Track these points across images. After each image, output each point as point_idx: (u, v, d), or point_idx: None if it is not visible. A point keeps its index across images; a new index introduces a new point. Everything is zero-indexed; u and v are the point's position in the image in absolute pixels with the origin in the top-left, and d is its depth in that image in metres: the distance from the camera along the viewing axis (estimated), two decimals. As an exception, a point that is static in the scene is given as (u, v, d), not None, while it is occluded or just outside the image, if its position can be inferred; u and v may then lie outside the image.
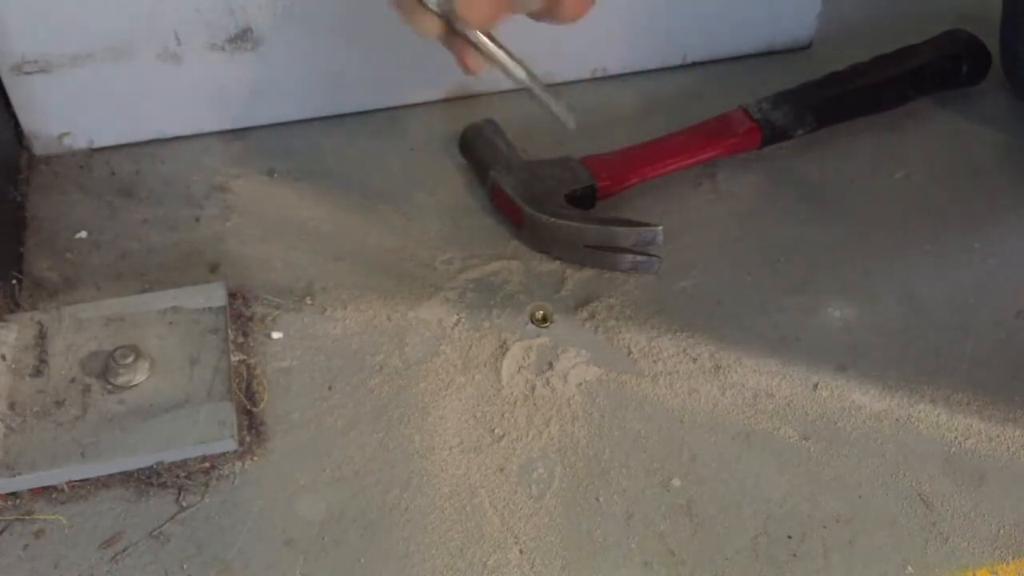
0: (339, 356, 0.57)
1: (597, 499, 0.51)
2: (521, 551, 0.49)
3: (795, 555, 0.49)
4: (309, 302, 0.60)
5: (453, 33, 0.48)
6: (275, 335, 0.58)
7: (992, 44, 0.73)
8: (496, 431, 0.54)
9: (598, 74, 0.74)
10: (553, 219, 0.60)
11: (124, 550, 0.49)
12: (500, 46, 0.49)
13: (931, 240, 0.64)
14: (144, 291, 0.59)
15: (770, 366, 0.57)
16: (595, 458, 0.53)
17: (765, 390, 0.56)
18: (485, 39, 0.49)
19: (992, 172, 0.69)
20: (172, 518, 0.50)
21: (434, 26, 0.48)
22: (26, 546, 0.49)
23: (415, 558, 0.49)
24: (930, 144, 0.71)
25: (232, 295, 0.59)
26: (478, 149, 0.67)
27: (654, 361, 0.57)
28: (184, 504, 0.50)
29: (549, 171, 0.64)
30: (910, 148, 0.71)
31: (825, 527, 0.50)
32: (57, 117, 0.66)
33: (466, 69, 0.50)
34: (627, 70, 0.75)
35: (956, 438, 0.54)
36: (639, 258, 0.60)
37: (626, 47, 0.73)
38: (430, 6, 0.47)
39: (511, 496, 0.51)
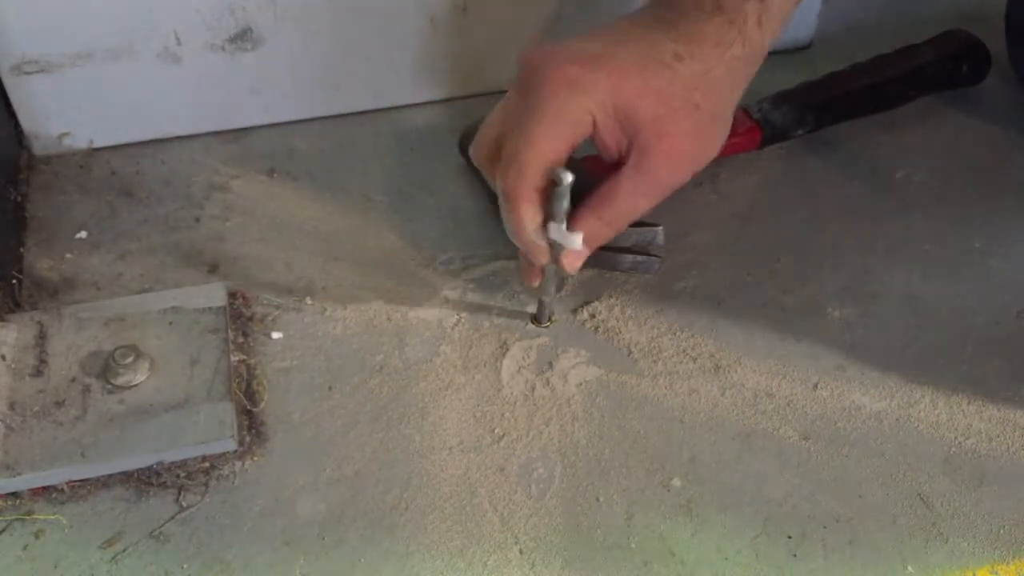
0: (339, 356, 0.57)
1: (597, 499, 0.51)
2: (521, 551, 0.49)
3: (795, 555, 0.49)
4: (309, 302, 0.60)
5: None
6: (275, 335, 0.58)
7: (992, 44, 0.73)
8: (496, 431, 0.54)
9: (598, 74, 0.74)
10: None
11: (124, 550, 0.49)
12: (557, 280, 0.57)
13: (931, 240, 0.64)
14: (144, 291, 0.59)
15: (770, 366, 0.57)
16: (595, 458, 0.53)
17: (765, 390, 0.56)
18: (553, 280, 0.56)
19: (993, 172, 0.69)
20: (172, 518, 0.50)
21: (545, 257, 0.53)
22: (26, 546, 0.49)
23: (415, 558, 0.49)
24: (930, 144, 0.71)
25: (232, 295, 0.59)
26: None
27: (654, 361, 0.57)
28: (184, 504, 0.50)
29: None
30: (910, 148, 0.71)
31: (825, 527, 0.50)
32: (57, 117, 0.66)
33: (527, 281, 0.57)
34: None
35: (956, 438, 0.54)
36: (639, 258, 0.60)
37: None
38: (548, 236, 0.52)
39: (511, 496, 0.51)
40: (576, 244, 0.52)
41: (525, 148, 0.49)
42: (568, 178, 0.49)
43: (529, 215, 0.51)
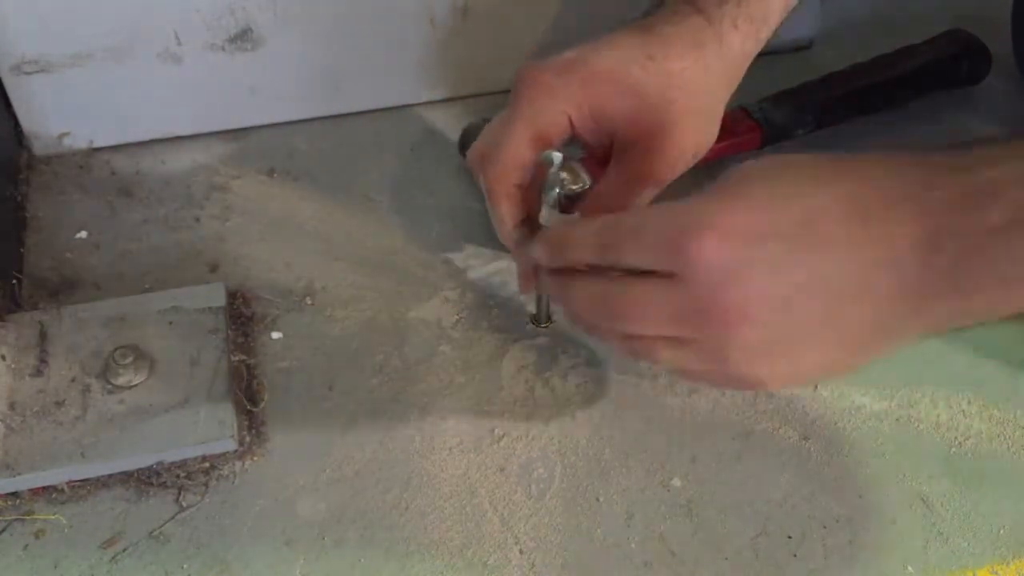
0: (339, 356, 0.57)
1: (597, 499, 0.51)
2: (521, 551, 0.49)
3: (795, 555, 0.49)
4: (309, 302, 0.60)
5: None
6: (275, 335, 0.58)
7: (992, 44, 0.73)
8: (496, 431, 0.54)
9: (598, 74, 0.74)
10: None
11: (124, 550, 0.49)
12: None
13: (931, 240, 0.64)
14: (144, 291, 0.59)
15: (770, 366, 0.57)
16: (595, 458, 0.53)
17: (765, 390, 0.56)
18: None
19: (992, 172, 0.69)
20: (172, 518, 0.50)
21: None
22: (26, 546, 0.49)
23: (415, 558, 0.49)
24: (930, 144, 0.71)
25: (232, 295, 0.59)
26: None
27: (654, 361, 0.57)
28: (184, 504, 0.50)
29: None
30: (910, 148, 0.70)
31: (825, 527, 0.50)
32: (57, 117, 0.66)
33: (522, 288, 0.56)
34: (627, 70, 0.75)
35: (956, 438, 0.54)
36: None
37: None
38: (543, 223, 0.52)
39: (511, 496, 0.51)
40: None
41: (499, 147, 0.51)
42: (557, 159, 0.50)
43: (508, 211, 0.52)
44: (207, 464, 0.51)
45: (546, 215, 0.52)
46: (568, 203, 0.53)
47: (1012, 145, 0.39)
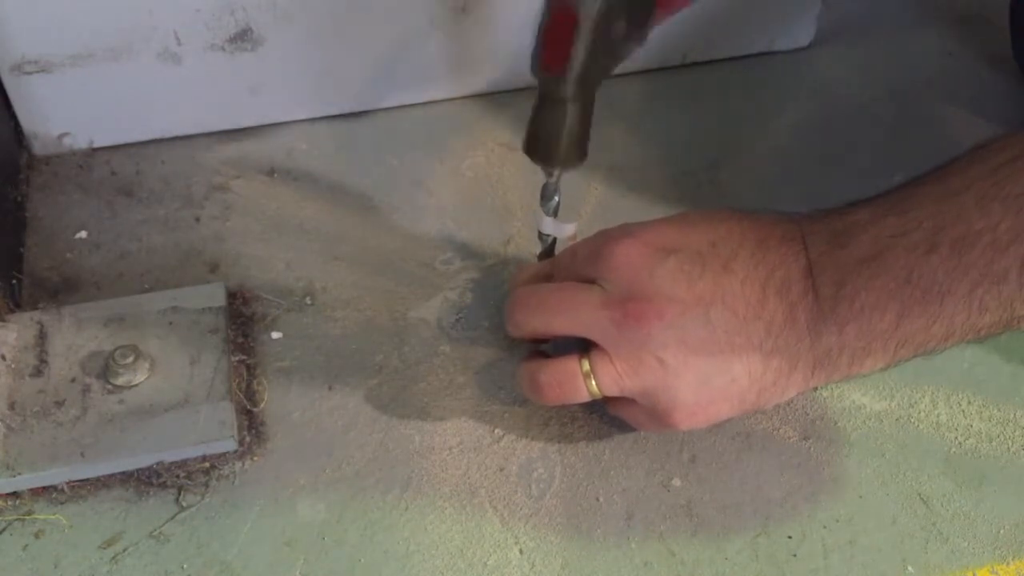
0: (339, 356, 0.57)
1: (597, 499, 0.51)
2: (521, 551, 0.49)
3: (795, 555, 0.49)
4: (309, 302, 0.60)
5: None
6: (275, 335, 0.58)
7: (992, 44, 0.73)
8: (496, 431, 0.54)
9: (598, 74, 0.74)
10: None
11: (124, 550, 0.49)
12: None
13: (931, 240, 0.64)
14: (144, 291, 0.59)
15: (770, 366, 0.57)
16: (595, 458, 0.53)
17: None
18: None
19: (992, 172, 0.69)
20: (172, 518, 0.50)
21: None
22: (26, 546, 0.49)
23: (415, 558, 0.49)
24: (930, 145, 0.71)
25: (232, 295, 0.59)
26: None
27: (654, 361, 0.57)
28: (184, 504, 0.50)
29: None
30: (910, 150, 0.71)
31: (825, 527, 0.50)
32: (57, 117, 0.66)
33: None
34: (627, 70, 0.75)
35: (956, 438, 0.54)
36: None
37: (626, 47, 0.73)
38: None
39: (511, 496, 0.51)
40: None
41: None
42: (556, 171, 0.50)
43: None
44: (207, 464, 0.51)
45: (546, 225, 0.53)
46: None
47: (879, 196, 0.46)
